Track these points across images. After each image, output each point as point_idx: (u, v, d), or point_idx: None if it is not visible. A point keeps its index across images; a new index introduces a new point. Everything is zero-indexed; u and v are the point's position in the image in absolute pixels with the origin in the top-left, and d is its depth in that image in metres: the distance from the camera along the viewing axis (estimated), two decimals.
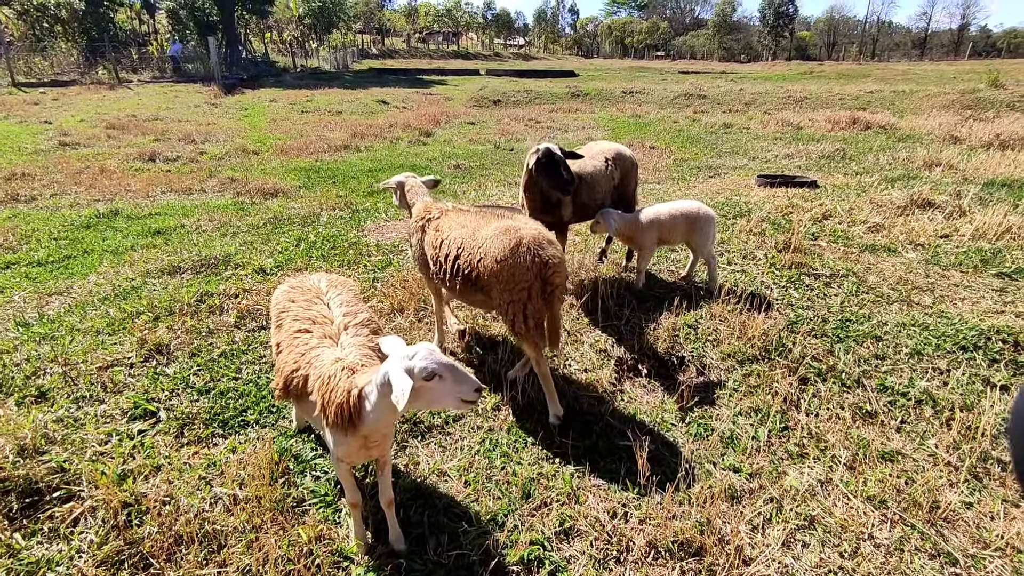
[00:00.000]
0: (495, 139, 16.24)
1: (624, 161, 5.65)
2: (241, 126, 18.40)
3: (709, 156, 13.12)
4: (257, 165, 12.67)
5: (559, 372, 4.26)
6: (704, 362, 4.34)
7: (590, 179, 5.29)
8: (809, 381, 4.07)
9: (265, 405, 3.89)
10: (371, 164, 13.02)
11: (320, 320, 2.90)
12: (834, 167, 11.22)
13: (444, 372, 2.26)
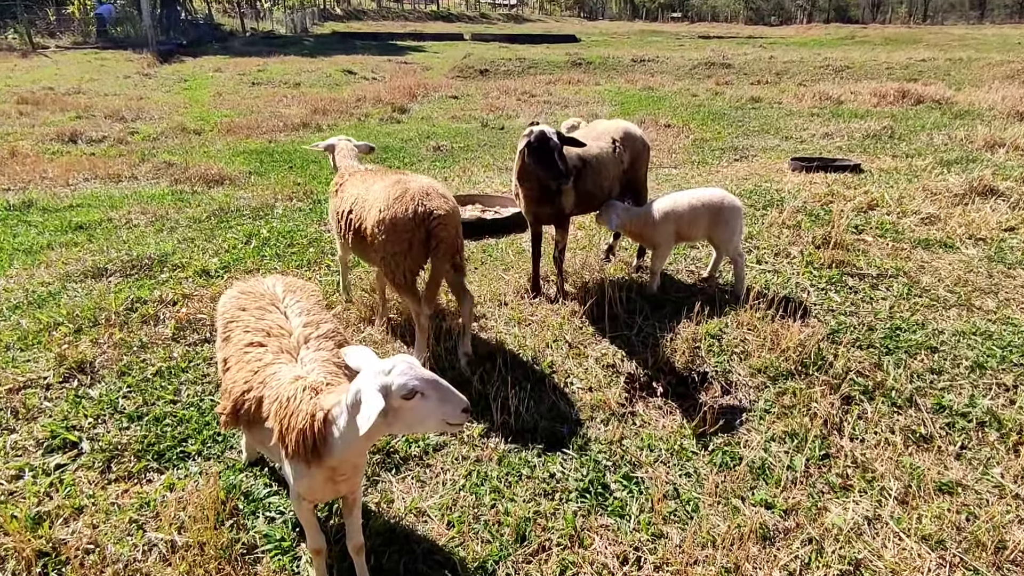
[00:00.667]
0: (482, 116, 16.27)
1: (634, 142, 5.67)
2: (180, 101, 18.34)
3: (734, 136, 13.22)
4: (199, 147, 12.62)
5: (559, 389, 4.27)
6: (730, 379, 4.36)
7: (595, 163, 5.31)
8: (853, 400, 4.10)
9: (209, 433, 3.87)
10: None
11: (276, 331, 2.89)
12: (881, 148, 11.34)
13: (427, 389, 2.25)
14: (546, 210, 5.17)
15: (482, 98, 19.59)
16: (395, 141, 13.31)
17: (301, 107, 17.45)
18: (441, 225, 4.08)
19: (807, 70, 23.97)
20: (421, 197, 4.08)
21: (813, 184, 8.68)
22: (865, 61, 24.98)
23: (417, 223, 4.04)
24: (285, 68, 25.70)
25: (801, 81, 21.87)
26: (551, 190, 5.01)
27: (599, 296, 5.19)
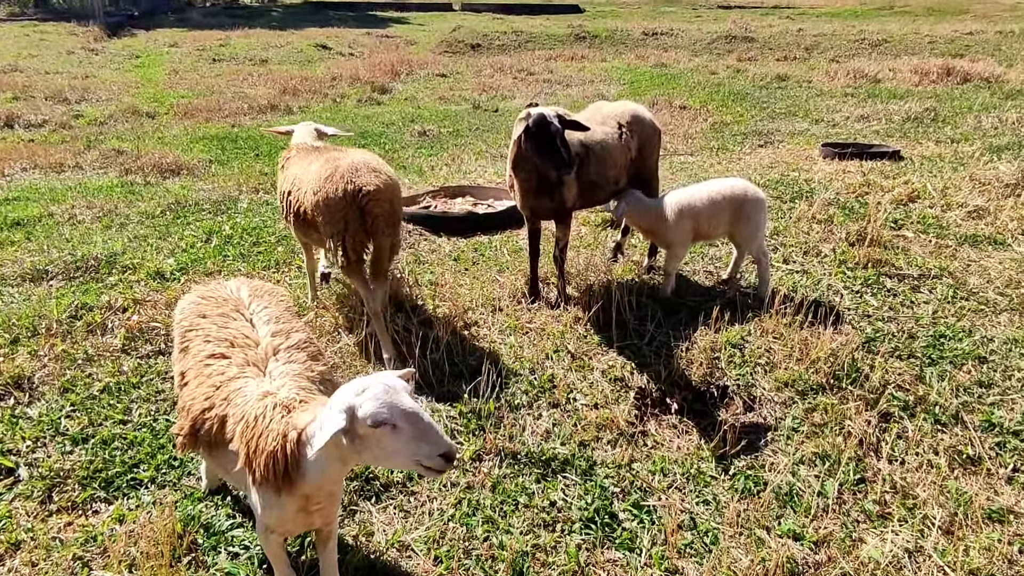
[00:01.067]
0: (474, 96, 16.31)
1: (643, 126, 5.70)
2: (131, 80, 18.31)
3: (758, 119, 13.26)
4: (153, 132, 12.60)
5: (560, 406, 4.27)
6: (753, 393, 4.38)
7: (599, 150, 5.33)
8: (892, 417, 4.12)
9: (164, 458, 3.86)
10: None
11: (241, 341, 2.90)
12: (923, 133, 11.40)
13: (400, 421, 2.18)
14: (545, 204, 5.18)
15: (473, 76, 19.61)
16: (375, 125, 13.32)
17: (268, 87, 17.45)
18: (373, 201, 4.40)
19: (840, 44, 24.06)
20: (351, 174, 4.44)
21: (847, 173, 8.72)
22: (905, 34, 25.10)
23: (348, 201, 4.39)
24: (250, 42, 25.71)
25: (833, 57, 21.94)
26: (551, 181, 5.02)
27: (606, 300, 5.20)
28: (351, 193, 4.40)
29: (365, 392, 2.23)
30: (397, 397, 2.21)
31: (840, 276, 5.84)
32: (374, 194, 4.41)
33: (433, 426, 2.22)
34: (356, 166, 4.51)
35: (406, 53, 24.19)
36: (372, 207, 4.42)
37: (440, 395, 4.41)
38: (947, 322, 5.12)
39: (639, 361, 4.74)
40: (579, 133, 5.12)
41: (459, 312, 5.29)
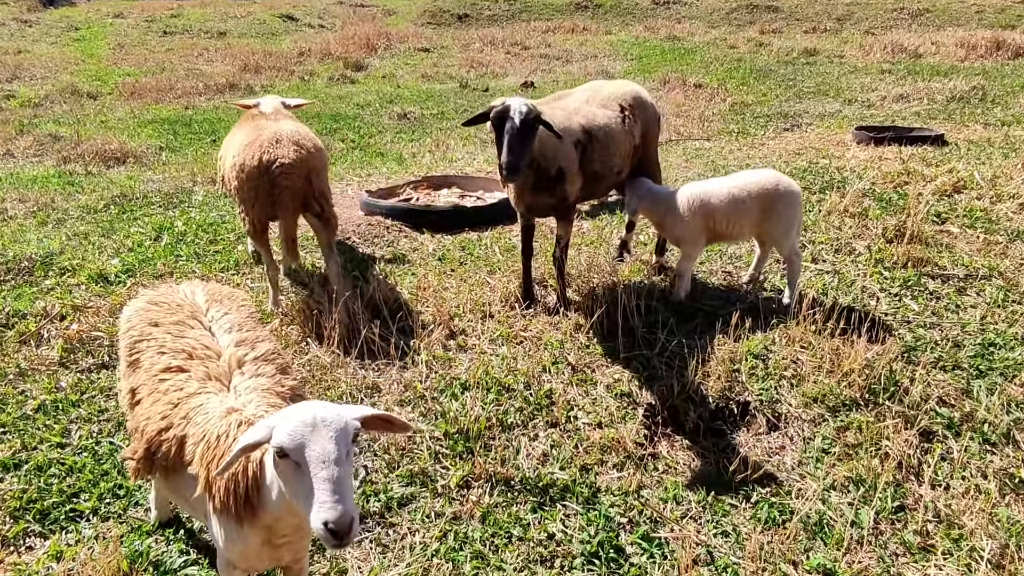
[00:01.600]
0: (461, 74, 16.37)
1: (646, 110, 5.72)
2: (70, 56, 18.29)
3: (783, 99, 13.33)
4: (95, 115, 12.59)
5: (559, 425, 4.28)
6: (778, 410, 4.39)
7: (603, 136, 5.34)
8: (935, 437, 4.14)
9: (108, 486, 3.85)
10: None
11: (200, 353, 2.90)
12: (969, 114, 11.48)
13: (303, 459, 2.13)
14: (544, 200, 5.19)
15: (460, 51, 19.66)
16: (348, 107, 13.35)
17: (227, 63, 17.47)
18: (284, 174, 5.03)
19: (876, 14, 24.21)
20: (269, 145, 5.08)
21: (883, 161, 8.77)
22: (949, 3, 25.24)
23: (261, 171, 5.04)
24: (206, 12, 25.70)
25: (868, 28, 22.09)
26: (549, 175, 5.04)
27: (611, 305, 5.21)
28: (265, 163, 5.03)
29: (288, 415, 2.23)
30: (314, 435, 2.16)
31: (876, 277, 5.86)
32: (287, 167, 5.03)
33: (342, 484, 2.11)
34: (277, 136, 5.13)
35: (384, 25, 24.26)
36: (281, 179, 5.04)
37: (423, 412, 4.41)
38: (997, 328, 5.14)
39: (649, 374, 4.74)
40: (581, 118, 5.15)
41: (444, 319, 5.29)
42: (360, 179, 9.17)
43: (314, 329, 5.20)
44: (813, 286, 5.72)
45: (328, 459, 2.13)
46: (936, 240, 6.45)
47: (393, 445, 4.07)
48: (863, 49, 17.89)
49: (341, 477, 2.12)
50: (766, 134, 10.88)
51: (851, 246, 6.41)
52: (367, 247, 6.87)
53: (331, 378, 4.68)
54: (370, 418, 2.36)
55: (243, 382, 2.77)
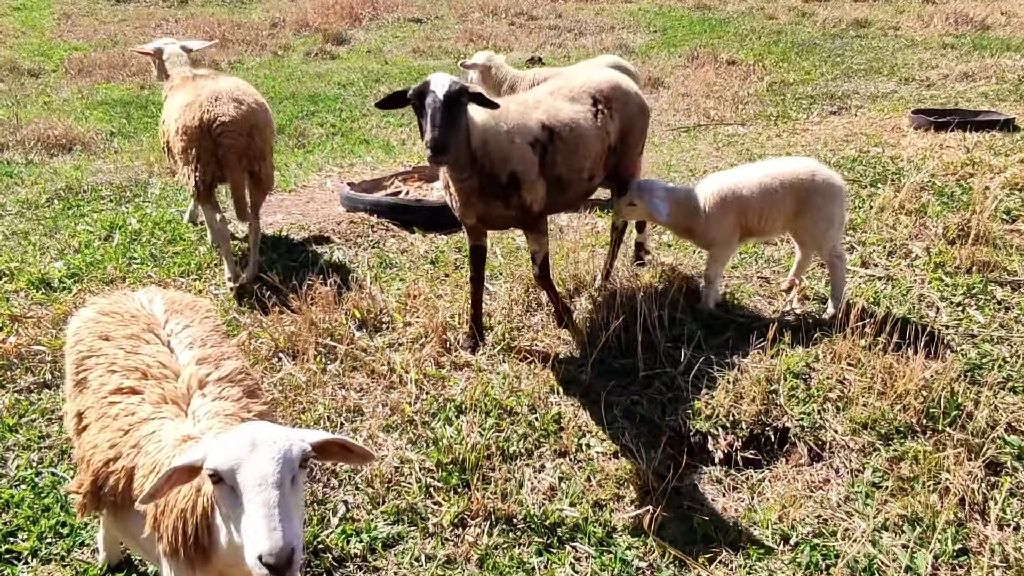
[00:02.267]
0: (457, 49, 16.41)
1: (627, 103, 5.59)
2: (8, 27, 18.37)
3: (829, 77, 13.33)
4: (37, 96, 12.64)
5: (569, 455, 4.29)
6: (822, 438, 4.38)
7: (568, 135, 5.15)
8: (1003, 469, 4.13)
9: (50, 523, 3.85)
10: None
11: (156, 372, 2.92)
12: None
13: (236, 483, 2.14)
14: (499, 211, 4.95)
15: (457, 22, 19.71)
16: (328, 86, 13.39)
17: (189, 35, 17.46)
18: (226, 132, 5.73)
19: None
20: (209, 103, 5.75)
21: (945, 149, 8.77)
22: None
23: (203, 130, 5.71)
24: None
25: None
26: (500, 182, 4.83)
27: (629, 316, 5.22)
28: (206, 122, 5.71)
29: (226, 437, 2.25)
30: (251, 456, 2.17)
31: (936, 284, 5.86)
32: (228, 124, 5.73)
33: (271, 508, 2.10)
34: (218, 94, 5.82)
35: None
36: (223, 138, 5.76)
37: (412, 439, 4.42)
38: None
39: (672, 395, 4.74)
40: (541, 113, 5.05)
41: (437, 331, 5.31)
42: (341, 170, 9.22)
43: (287, 342, 5.22)
44: (863, 294, 5.71)
45: (265, 481, 2.13)
46: (1005, 241, 6.45)
47: (377, 477, 4.08)
48: (922, 20, 17.89)
49: (281, 503, 2.11)
50: (809, 118, 10.88)
51: (907, 248, 6.41)
52: (349, 248, 6.90)
53: (306, 399, 4.69)
54: (324, 443, 2.38)
55: (203, 406, 2.78)
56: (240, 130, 5.77)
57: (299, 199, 8.20)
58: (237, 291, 6.03)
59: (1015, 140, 9.09)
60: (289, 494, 2.15)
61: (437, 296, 5.91)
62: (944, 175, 7.88)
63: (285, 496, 2.12)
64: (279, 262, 6.57)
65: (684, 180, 8.40)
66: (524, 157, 4.87)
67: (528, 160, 4.88)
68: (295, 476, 2.19)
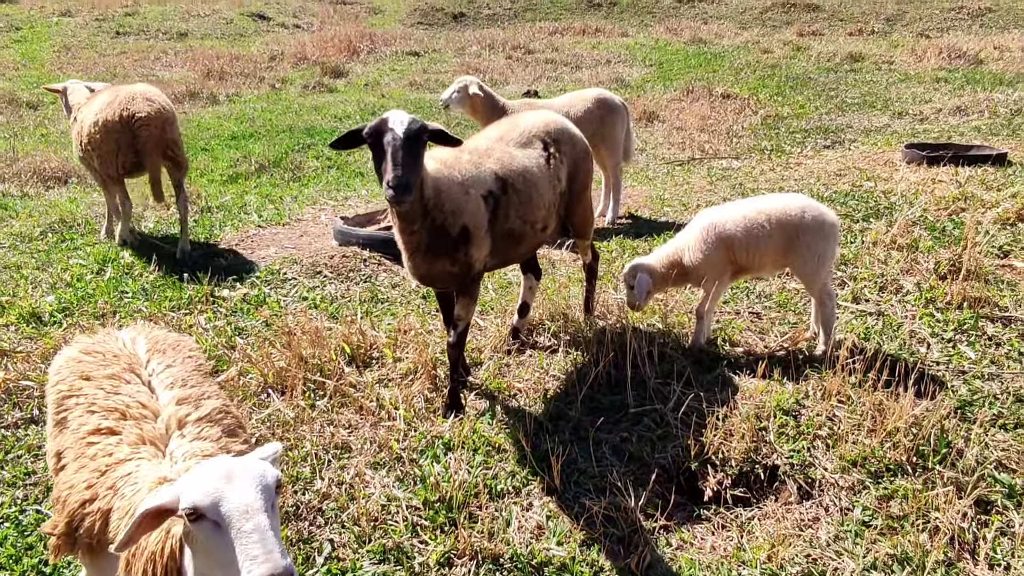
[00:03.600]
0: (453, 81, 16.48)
1: (575, 145, 5.49)
2: (8, 59, 18.51)
3: (823, 111, 13.43)
4: (35, 128, 12.71)
5: (556, 493, 4.27)
6: (811, 475, 4.36)
7: (522, 184, 4.99)
8: (994, 507, 4.11)
9: (33, 562, 3.83)
10: (236, 126, 13.11)
11: (135, 412, 2.91)
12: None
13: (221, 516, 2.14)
14: (443, 267, 4.74)
15: (455, 55, 19.87)
16: (324, 119, 13.47)
17: (188, 68, 17.67)
18: (144, 126, 6.98)
19: (930, 14, 24.46)
20: (127, 102, 7.01)
21: (937, 184, 8.81)
22: (1016, 1, 25.50)
23: (123, 125, 6.95)
24: (165, 10, 26.03)
25: (922, 30, 22.31)
26: (450, 236, 4.62)
27: (618, 352, 5.22)
28: (125, 118, 6.94)
29: (197, 472, 2.24)
30: (231, 487, 2.18)
31: (927, 320, 5.87)
32: (145, 119, 6.98)
33: (264, 533, 2.13)
34: (133, 96, 7.09)
35: (368, 25, 24.58)
36: (142, 131, 6.99)
37: (399, 477, 4.40)
38: None
39: (662, 432, 4.72)
40: (494, 162, 4.91)
41: (427, 367, 5.30)
42: (336, 203, 9.25)
43: (276, 378, 5.21)
44: (853, 330, 5.72)
45: (251, 509, 2.14)
46: (997, 277, 6.46)
47: (364, 515, 4.06)
48: (915, 54, 18.05)
49: (274, 528, 2.13)
50: (803, 152, 10.94)
51: (898, 283, 6.42)
52: (340, 282, 6.90)
53: (294, 436, 4.68)
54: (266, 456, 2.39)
55: (182, 447, 2.77)
56: (154, 124, 7.04)
57: (293, 233, 8.21)
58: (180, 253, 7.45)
59: (1007, 175, 9.13)
60: (274, 520, 2.17)
61: (428, 332, 5.91)
62: (936, 210, 7.91)
63: (275, 522, 2.16)
64: (273, 295, 6.58)
65: (677, 214, 8.46)
66: (477, 210, 4.70)
67: (480, 213, 4.72)
68: (273, 502, 2.20)
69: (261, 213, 8.77)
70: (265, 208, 8.98)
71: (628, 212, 8.78)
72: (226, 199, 9.35)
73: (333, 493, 4.25)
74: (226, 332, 5.90)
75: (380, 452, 4.60)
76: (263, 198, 9.35)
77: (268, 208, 8.98)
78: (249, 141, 12.15)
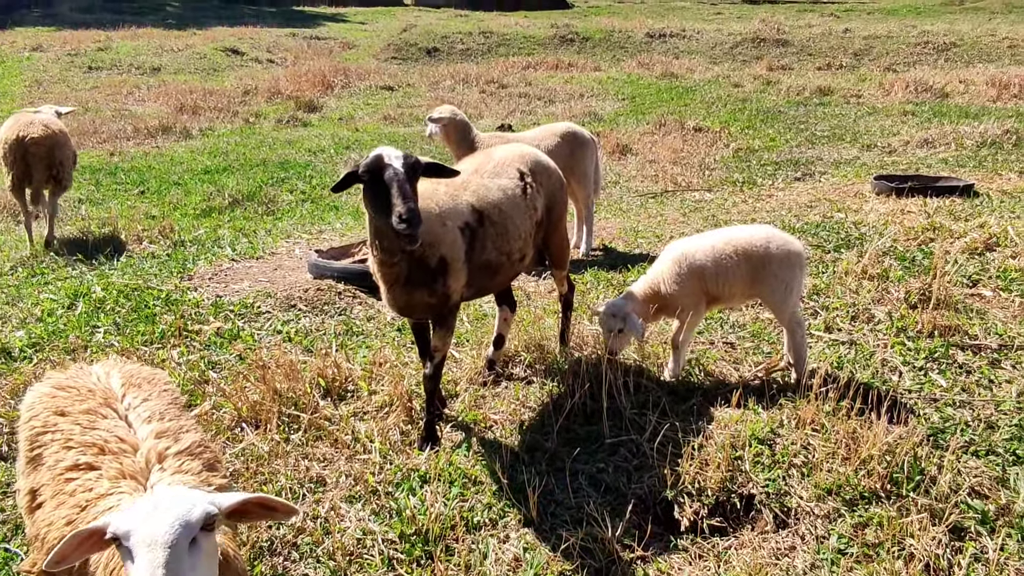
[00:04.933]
0: (428, 116, 16.55)
1: (550, 176, 5.55)
2: None
3: (794, 144, 13.62)
4: None
5: (532, 524, 4.25)
6: (787, 504, 4.38)
7: (498, 216, 5.02)
8: (967, 534, 4.13)
9: None
10: (210, 160, 13.12)
11: (114, 447, 2.89)
12: (1002, 161, 11.76)
13: (136, 549, 2.14)
14: (421, 298, 4.74)
15: (429, 90, 20.01)
16: (298, 153, 13.50)
17: (161, 103, 17.67)
18: (34, 145, 8.55)
19: (897, 49, 24.93)
20: (25, 126, 8.63)
21: (906, 214, 8.94)
22: (979, 36, 26.06)
23: (18, 143, 8.52)
24: (138, 45, 26.06)
25: (889, 65, 22.72)
26: (429, 267, 4.63)
27: (594, 383, 5.24)
28: (20, 138, 8.52)
29: (133, 504, 2.25)
30: (148, 518, 2.18)
31: (898, 348, 5.93)
32: (33, 141, 8.54)
33: (156, 568, 2.11)
34: (32, 121, 8.72)
35: (342, 60, 24.71)
36: (32, 149, 8.55)
37: (375, 511, 4.37)
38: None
39: (638, 462, 4.73)
40: (470, 194, 4.94)
41: (402, 400, 5.29)
42: (310, 236, 9.25)
43: (250, 411, 5.18)
44: (827, 359, 5.77)
45: (155, 542, 2.13)
46: (966, 305, 6.55)
47: (339, 550, 4.03)
48: (883, 88, 18.38)
49: (170, 565, 2.11)
50: (775, 184, 11.08)
51: (870, 312, 6.49)
52: (315, 316, 6.89)
53: (268, 470, 4.65)
54: (242, 505, 2.38)
55: (162, 481, 2.75)
56: (41, 145, 8.58)
57: (267, 266, 8.20)
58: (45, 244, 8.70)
59: (974, 205, 9.29)
60: (183, 557, 2.15)
61: (404, 364, 5.90)
62: (906, 240, 8.03)
63: (177, 559, 2.13)
64: (248, 328, 6.56)
65: (651, 246, 8.53)
66: (454, 242, 4.72)
67: (458, 245, 4.74)
68: (196, 539, 2.20)
69: (235, 247, 8.76)
70: (239, 242, 8.96)
71: (602, 244, 8.84)
72: (199, 233, 9.33)
73: (308, 527, 4.22)
74: (199, 366, 5.86)
75: (355, 486, 4.57)
76: (237, 232, 9.34)
77: (242, 242, 8.97)
78: (222, 175, 12.14)
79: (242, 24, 32.69)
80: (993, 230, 8.10)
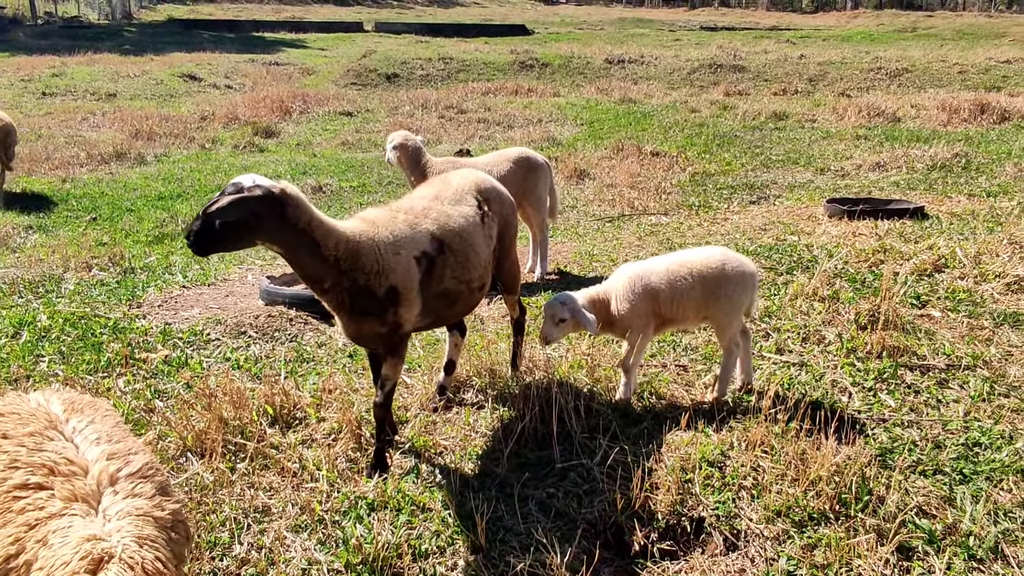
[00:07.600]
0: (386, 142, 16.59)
1: (503, 202, 5.57)
2: None
3: (749, 168, 13.78)
4: None
5: (482, 551, 4.22)
6: (736, 526, 4.38)
7: (459, 244, 4.99)
8: (915, 553, 4.15)
9: None
10: (164, 186, 12.99)
11: (64, 468, 2.83)
12: (952, 184, 11.99)
13: None
14: (372, 328, 4.72)
15: (387, 115, 20.03)
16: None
17: (116, 129, 17.50)
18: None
19: (851, 75, 25.45)
20: None
21: (857, 237, 9.07)
22: (930, 62, 26.68)
23: None
24: (94, 71, 25.87)
25: (843, 90, 23.14)
26: (376, 296, 4.59)
27: (544, 407, 5.22)
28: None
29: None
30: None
31: (847, 369, 5.98)
32: None
33: None
34: None
35: (301, 85, 24.69)
36: None
37: (321, 540, 4.31)
38: (982, 426, 5.25)
39: (589, 487, 4.71)
40: (431, 223, 4.89)
41: (351, 426, 5.23)
42: (264, 262, 9.16)
43: (195, 440, 5.09)
44: (777, 381, 5.80)
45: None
46: (915, 326, 6.63)
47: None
48: (837, 112, 18.70)
49: None
50: (730, 208, 11.19)
51: (820, 334, 6.55)
52: (265, 342, 6.81)
53: (213, 500, 4.56)
54: None
55: (115, 504, 2.71)
56: None
57: (218, 293, 8.11)
58: None
59: (924, 227, 9.45)
60: None
61: (354, 390, 5.84)
62: (856, 262, 8.13)
63: None
64: (197, 357, 6.47)
65: (606, 269, 8.54)
66: (407, 272, 4.65)
67: (410, 274, 4.68)
68: None
69: (186, 273, 8.65)
70: (191, 268, 8.85)
71: (557, 268, 8.86)
72: (151, 260, 9.20)
73: (252, 558, 4.15)
74: (145, 395, 5.77)
75: (302, 515, 4.50)
76: (189, 258, 9.22)
77: (194, 268, 8.86)
78: (176, 201, 12.02)
79: (200, 50, 32.64)
80: (942, 251, 8.23)
